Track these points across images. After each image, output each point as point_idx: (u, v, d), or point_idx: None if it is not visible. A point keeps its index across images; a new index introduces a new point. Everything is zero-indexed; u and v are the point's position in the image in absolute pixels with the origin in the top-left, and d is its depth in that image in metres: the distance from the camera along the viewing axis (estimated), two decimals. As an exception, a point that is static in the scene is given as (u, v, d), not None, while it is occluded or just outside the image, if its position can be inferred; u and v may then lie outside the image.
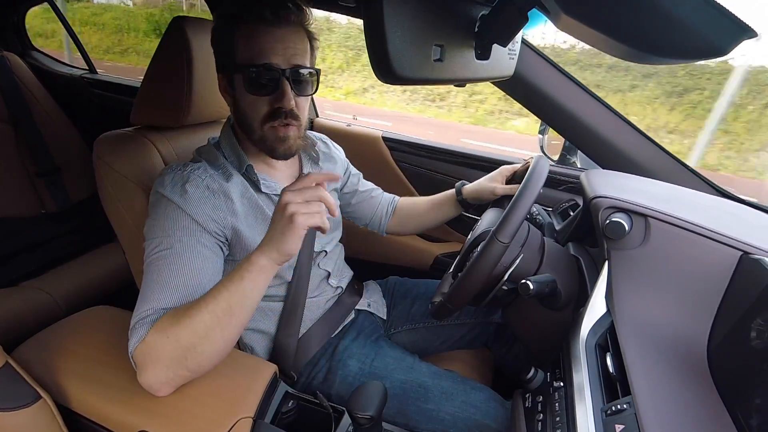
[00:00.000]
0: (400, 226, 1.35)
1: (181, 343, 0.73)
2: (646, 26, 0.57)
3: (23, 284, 1.55)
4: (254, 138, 0.93)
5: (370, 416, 0.69)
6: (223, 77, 0.92)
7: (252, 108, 0.89)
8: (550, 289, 0.82)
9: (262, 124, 0.90)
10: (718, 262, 0.68)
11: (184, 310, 0.75)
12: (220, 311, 0.74)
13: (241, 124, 0.94)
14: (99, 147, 1.00)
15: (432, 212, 1.32)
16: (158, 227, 0.84)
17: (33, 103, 1.89)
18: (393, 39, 0.53)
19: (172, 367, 0.75)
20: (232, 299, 0.75)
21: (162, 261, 0.81)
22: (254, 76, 0.86)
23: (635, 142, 1.12)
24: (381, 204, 1.33)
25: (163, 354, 0.74)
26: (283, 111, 0.88)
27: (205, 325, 0.73)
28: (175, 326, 0.73)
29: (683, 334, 0.69)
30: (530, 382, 0.83)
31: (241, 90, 0.89)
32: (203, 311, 0.74)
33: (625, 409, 0.59)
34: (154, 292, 0.78)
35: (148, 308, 0.77)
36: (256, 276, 0.75)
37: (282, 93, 0.87)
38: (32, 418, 0.74)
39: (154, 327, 0.75)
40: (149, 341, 0.74)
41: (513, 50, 0.87)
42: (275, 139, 0.92)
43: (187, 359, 0.75)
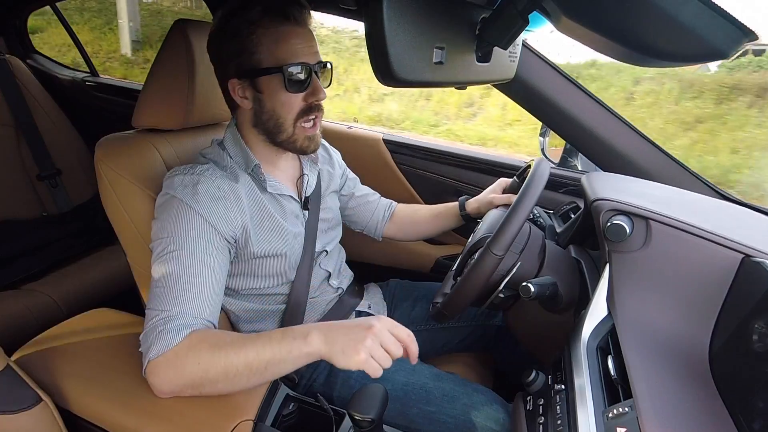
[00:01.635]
0: (398, 233, 1.35)
1: (208, 375, 0.74)
2: (648, 29, 0.57)
3: (24, 287, 1.55)
4: (281, 138, 0.95)
5: (371, 419, 0.69)
6: (240, 82, 0.92)
7: (286, 107, 0.92)
8: (551, 292, 0.82)
9: (294, 121, 0.93)
10: (719, 265, 0.68)
11: (223, 344, 0.75)
12: (256, 367, 0.75)
13: (265, 125, 0.94)
14: (100, 149, 1.00)
15: (432, 222, 1.32)
16: (169, 228, 0.84)
17: (34, 106, 1.90)
18: (393, 41, 0.53)
19: (187, 387, 0.76)
20: (271, 361, 0.75)
21: (176, 261, 0.81)
22: (293, 75, 0.89)
23: (636, 145, 1.12)
24: (377, 209, 1.34)
25: (189, 375, 0.75)
26: (315, 105, 0.93)
27: (236, 371, 0.74)
28: (209, 357, 0.74)
29: (685, 337, 0.69)
30: (531, 384, 0.83)
31: (273, 91, 0.90)
32: (241, 357, 0.74)
33: (627, 412, 0.59)
34: (171, 294, 0.79)
35: (169, 311, 0.78)
36: (302, 356, 0.75)
37: (316, 87, 0.92)
38: (33, 421, 0.74)
39: (188, 344, 0.76)
40: (180, 356, 0.75)
41: (514, 53, 0.87)
42: (304, 138, 0.95)
43: (205, 387, 0.76)
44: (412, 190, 1.66)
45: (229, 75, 0.92)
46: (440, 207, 1.32)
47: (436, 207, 1.33)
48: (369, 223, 1.34)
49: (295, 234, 1.02)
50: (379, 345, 0.73)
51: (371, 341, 0.72)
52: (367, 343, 0.72)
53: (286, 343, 0.75)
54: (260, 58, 0.88)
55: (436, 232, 1.33)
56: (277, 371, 0.77)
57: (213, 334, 0.78)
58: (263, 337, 0.77)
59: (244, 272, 0.98)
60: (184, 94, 1.01)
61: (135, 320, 0.98)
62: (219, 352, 0.74)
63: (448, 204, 1.31)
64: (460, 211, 1.26)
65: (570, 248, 1.01)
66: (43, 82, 1.99)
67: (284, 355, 0.75)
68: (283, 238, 0.99)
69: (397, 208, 1.36)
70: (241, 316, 1.04)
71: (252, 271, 0.98)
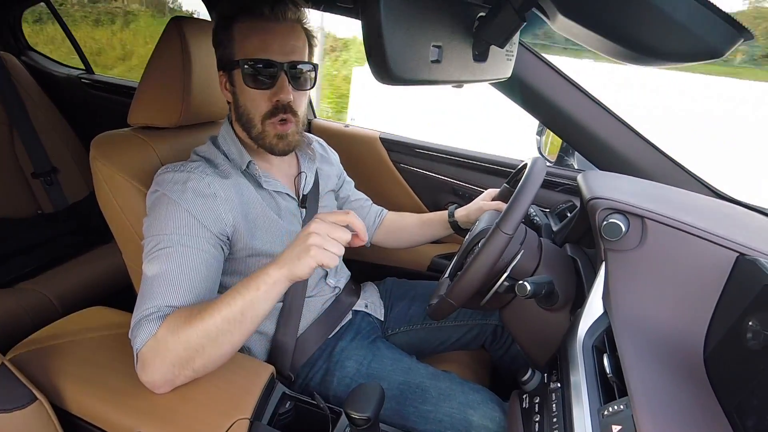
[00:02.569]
0: (387, 240, 1.36)
1: (191, 344, 0.74)
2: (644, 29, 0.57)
3: (19, 285, 1.54)
4: (253, 134, 0.94)
5: (367, 417, 0.69)
6: (224, 74, 0.94)
7: (252, 103, 0.91)
8: (547, 290, 0.82)
9: (262, 120, 0.92)
10: (714, 263, 0.69)
11: (196, 312, 0.76)
12: (232, 317, 0.75)
13: (240, 120, 0.95)
14: (96, 147, 1.00)
15: (419, 229, 1.33)
16: (159, 225, 0.84)
17: (29, 104, 1.88)
18: (391, 40, 0.53)
19: (178, 366, 0.76)
20: (245, 307, 0.76)
21: (165, 258, 0.81)
22: (253, 70, 0.88)
23: (632, 144, 1.13)
24: (369, 215, 1.34)
25: (173, 353, 0.75)
26: (282, 106, 0.91)
27: (216, 329, 0.75)
28: (187, 327, 0.74)
29: (680, 335, 0.69)
30: (527, 383, 0.83)
31: (241, 85, 0.90)
32: (215, 315, 0.75)
33: (622, 410, 0.60)
34: (158, 289, 0.79)
35: (153, 305, 0.78)
36: (270, 288, 0.76)
37: (280, 87, 0.89)
38: (28, 419, 0.74)
39: (165, 325, 0.76)
40: (160, 338, 0.75)
41: (510, 52, 0.87)
42: (274, 135, 0.94)
43: (195, 360, 0.76)
44: (408, 188, 1.66)
45: (219, 67, 0.95)
46: (429, 215, 1.33)
47: (425, 215, 1.34)
48: None
49: (290, 232, 1.02)
50: (325, 237, 0.74)
51: (316, 238, 0.73)
52: (312, 240, 0.73)
53: (251, 285, 0.76)
54: (233, 51, 0.89)
55: (425, 240, 1.34)
56: (255, 314, 0.77)
57: (185, 309, 0.78)
58: (230, 291, 0.77)
59: (238, 271, 0.98)
60: (179, 91, 1.01)
61: (130, 318, 0.98)
62: (193, 319, 0.75)
63: (437, 212, 1.32)
64: (448, 218, 1.27)
65: (566, 247, 1.01)
66: (38, 79, 1.98)
67: (253, 294, 0.76)
68: (278, 235, 0.99)
69: (387, 215, 1.37)
70: None
71: (246, 270, 0.98)
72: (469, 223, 1.22)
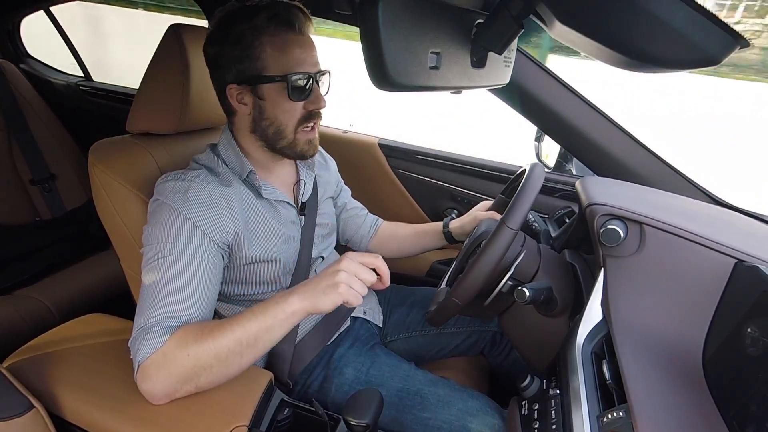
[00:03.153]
0: (380, 249, 1.36)
1: (200, 363, 0.74)
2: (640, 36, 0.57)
3: (16, 292, 1.54)
4: (282, 144, 0.95)
5: (366, 424, 0.69)
6: (240, 88, 0.92)
7: (288, 114, 0.92)
8: (546, 296, 0.82)
9: (295, 128, 0.94)
10: (713, 269, 0.69)
11: (208, 330, 0.76)
12: (245, 340, 0.76)
13: (264, 131, 0.94)
14: (94, 154, 0.99)
15: (413, 239, 1.33)
16: (160, 234, 0.84)
17: (28, 111, 1.89)
18: (389, 46, 0.54)
19: (182, 382, 0.76)
20: (259, 332, 0.76)
21: (165, 267, 0.81)
22: (297, 83, 0.90)
23: (630, 150, 1.13)
24: (364, 224, 1.35)
25: (179, 369, 0.75)
26: (315, 113, 0.94)
27: (227, 350, 0.75)
28: (198, 345, 0.74)
29: (679, 342, 0.69)
30: (526, 389, 0.83)
31: (275, 98, 0.91)
32: (228, 336, 0.75)
33: (621, 416, 0.59)
34: (159, 298, 0.79)
35: (156, 314, 0.77)
36: (288, 317, 0.77)
37: (317, 96, 0.93)
38: (24, 428, 0.73)
39: (174, 340, 0.75)
40: (168, 353, 0.74)
41: (509, 58, 0.88)
42: (305, 142, 0.96)
43: (200, 378, 0.76)
44: (407, 194, 1.66)
45: (228, 80, 0.92)
46: (423, 225, 1.33)
47: (419, 225, 1.34)
48: (354, 237, 1.35)
49: (290, 239, 1.02)
50: (353, 276, 0.76)
51: (345, 275, 0.76)
52: (341, 278, 0.75)
53: (269, 311, 0.77)
54: (264, 66, 0.89)
55: (418, 250, 1.34)
56: (268, 340, 0.78)
57: (197, 324, 0.78)
58: (246, 313, 0.78)
59: (237, 279, 0.98)
60: (178, 98, 1.01)
61: (129, 326, 0.97)
62: (206, 337, 0.75)
63: (432, 223, 1.32)
64: (443, 229, 1.27)
65: (565, 253, 1.01)
66: (37, 87, 1.98)
67: (270, 321, 0.76)
68: (278, 243, 0.99)
69: (382, 225, 1.37)
70: None
71: (245, 278, 0.98)
72: (464, 235, 1.22)
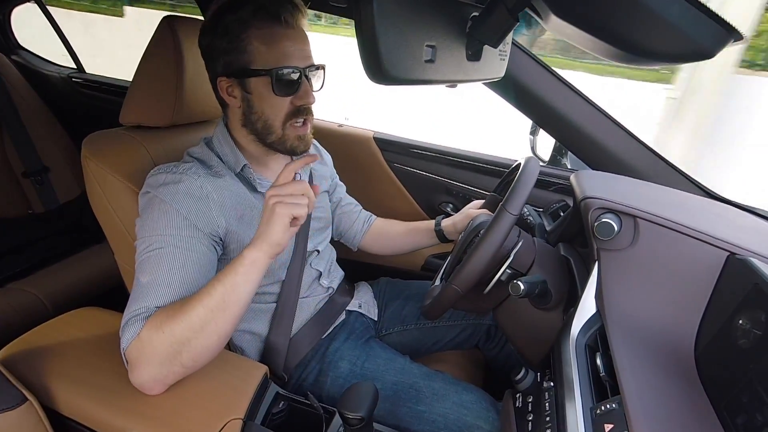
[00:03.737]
0: (373, 246, 1.36)
1: (176, 338, 0.74)
2: (635, 28, 0.57)
3: (10, 285, 1.53)
4: (271, 139, 0.94)
5: (360, 417, 0.69)
6: (229, 80, 0.91)
7: (275, 109, 0.91)
8: (540, 290, 0.82)
9: (283, 123, 0.92)
10: (705, 262, 0.69)
11: (179, 306, 0.76)
12: (215, 305, 0.75)
13: (254, 125, 0.93)
14: (87, 146, 0.99)
15: (405, 237, 1.33)
16: (151, 226, 0.84)
17: (20, 103, 1.87)
18: (384, 40, 0.53)
19: (166, 363, 0.76)
20: (226, 293, 0.76)
21: (155, 259, 0.81)
22: (282, 78, 0.88)
23: (625, 144, 1.13)
24: (358, 220, 1.35)
25: (158, 349, 0.75)
26: (304, 108, 0.92)
27: (199, 319, 0.75)
28: (170, 321, 0.74)
29: (671, 334, 0.70)
30: (521, 382, 0.84)
31: (262, 92, 0.89)
32: (197, 306, 0.75)
33: (615, 408, 0.60)
34: (147, 290, 0.79)
35: (142, 306, 0.78)
36: (249, 269, 0.77)
37: (305, 92, 0.91)
38: (18, 420, 0.73)
39: (149, 323, 0.76)
40: (143, 337, 0.75)
41: (504, 51, 0.87)
42: (295, 137, 0.94)
43: (182, 354, 0.76)
44: (402, 188, 1.66)
45: (218, 72, 0.91)
46: (416, 223, 1.33)
47: (412, 223, 1.34)
48: (348, 233, 1.35)
49: None
50: (287, 202, 0.77)
51: (275, 199, 0.77)
52: (273, 202, 0.77)
53: (229, 271, 0.78)
54: (250, 59, 0.88)
55: (410, 248, 1.34)
56: (237, 298, 0.78)
57: (168, 305, 0.79)
58: (210, 281, 0.78)
59: None
60: (172, 90, 1.00)
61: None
62: (176, 313, 0.75)
63: (424, 221, 1.32)
64: (435, 227, 1.27)
65: (559, 246, 1.02)
66: (29, 78, 1.96)
67: (232, 279, 0.77)
68: None
69: (375, 222, 1.37)
70: None
71: None
72: (456, 233, 1.23)
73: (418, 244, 1.32)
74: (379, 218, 1.38)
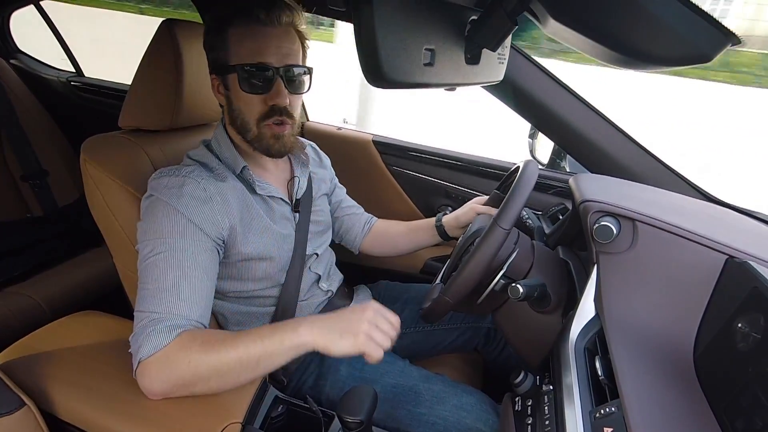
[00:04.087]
0: (375, 247, 1.34)
1: (199, 373, 0.74)
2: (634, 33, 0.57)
3: (8, 289, 1.52)
4: (249, 137, 0.94)
5: (360, 420, 0.69)
6: (217, 78, 0.93)
7: (247, 107, 0.91)
8: (539, 293, 0.82)
9: (257, 122, 0.92)
10: (704, 265, 0.69)
11: (213, 342, 0.76)
12: (247, 361, 0.75)
13: (235, 123, 0.94)
14: (86, 150, 0.99)
15: (406, 236, 1.32)
16: (155, 230, 0.83)
17: (19, 106, 1.87)
18: (383, 43, 0.53)
19: (179, 387, 0.76)
20: (263, 356, 0.76)
21: (163, 263, 0.80)
22: (249, 75, 0.88)
23: (623, 147, 1.13)
24: (358, 222, 1.33)
25: (178, 374, 0.75)
26: (278, 109, 0.90)
27: (228, 367, 0.75)
28: (200, 355, 0.74)
29: (670, 337, 0.70)
30: (520, 385, 0.84)
31: (236, 89, 0.90)
32: (231, 353, 0.75)
33: (614, 412, 0.60)
34: (159, 295, 0.78)
35: (158, 311, 0.77)
36: (294, 348, 0.77)
37: (277, 91, 0.89)
38: (15, 426, 0.73)
39: (178, 343, 0.75)
40: (170, 356, 0.74)
41: (503, 55, 0.88)
42: (270, 136, 0.93)
43: (196, 386, 0.76)
44: (401, 191, 1.66)
45: (211, 71, 0.94)
46: (416, 222, 1.32)
47: (412, 222, 1.33)
48: (348, 234, 1.34)
49: (284, 236, 1.01)
50: (375, 327, 0.75)
51: (368, 324, 0.74)
52: (363, 327, 0.74)
53: (276, 337, 0.77)
54: (227, 55, 0.89)
55: (411, 248, 1.33)
56: (269, 365, 0.77)
57: (203, 333, 0.78)
58: (253, 333, 0.77)
59: (231, 275, 0.97)
60: (171, 94, 1.00)
61: (121, 323, 0.97)
62: (210, 350, 0.74)
63: (425, 219, 1.31)
64: (435, 223, 1.26)
65: (558, 249, 1.02)
66: (28, 82, 1.97)
67: (275, 347, 0.76)
68: (272, 240, 0.98)
69: (377, 223, 1.36)
70: (229, 318, 1.03)
71: (239, 275, 0.97)
72: (458, 228, 1.22)
73: (419, 243, 1.31)
74: (380, 220, 1.37)
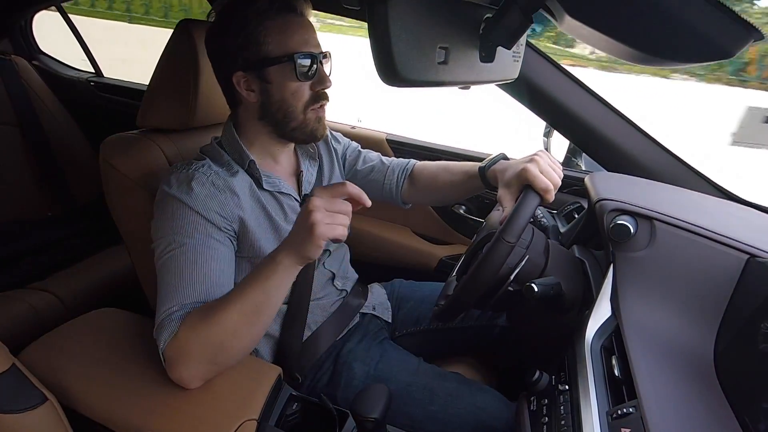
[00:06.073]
0: (414, 193, 1.24)
1: (211, 340, 0.76)
2: (652, 29, 0.57)
3: (30, 287, 1.56)
4: (292, 126, 0.96)
5: (374, 418, 0.69)
6: (246, 74, 0.92)
7: (295, 96, 0.93)
8: (554, 292, 0.81)
9: (304, 109, 0.95)
10: (724, 265, 0.68)
11: (212, 308, 0.77)
12: (248, 309, 0.77)
13: (272, 116, 0.95)
14: (105, 149, 1.00)
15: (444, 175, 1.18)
16: (167, 226, 0.85)
17: (40, 107, 1.91)
18: (398, 42, 0.53)
19: (203, 362, 0.78)
20: (258, 298, 0.77)
21: (178, 258, 0.82)
22: (302, 64, 0.91)
23: (640, 145, 1.12)
24: (388, 175, 1.24)
25: (195, 350, 0.76)
26: (323, 93, 0.95)
27: (233, 324, 0.76)
28: (205, 324, 0.76)
29: (689, 338, 0.69)
30: (535, 384, 0.83)
31: (283, 80, 0.92)
32: (231, 310, 0.76)
33: (631, 412, 0.59)
34: (176, 289, 0.81)
35: (173, 305, 0.79)
36: (281, 275, 0.77)
37: (322, 76, 0.94)
38: (38, 420, 0.74)
39: (185, 324, 0.77)
40: (181, 338, 0.77)
41: (518, 53, 0.87)
42: (315, 120, 0.97)
43: (217, 355, 0.78)
44: None
45: (235, 68, 0.93)
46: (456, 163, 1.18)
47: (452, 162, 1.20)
48: (384, 193, 1.25)
49: None
50: (326, 213, 0.73)
51: (317, 215, 0.72)
52: (314, 218, 0.72)
53: (261, 275, 0.77)
54: (269, 49, 0.90)
55: (452, 189, 1.18)
56: (270, 303, 0.79)
57: (202, 306, 0.80)
58: (241, 284, 0.79)
59: (243, 270, 0.98)
60: (188, 94, 1.01)
61: (140, 320, 0.99)
62: (210, 317, 0.76)
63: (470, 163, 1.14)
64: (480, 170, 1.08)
65: (574, 248, 1.01)
66: (49, 83, 2.00)
67: (264, 284, 0.77)
68: (281, 236, 0.99)
69: (416, 169, 1.24)
70: None
71: (251, 269, 0.98)
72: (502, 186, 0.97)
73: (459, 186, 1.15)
74: (421, 163, 1.25)
